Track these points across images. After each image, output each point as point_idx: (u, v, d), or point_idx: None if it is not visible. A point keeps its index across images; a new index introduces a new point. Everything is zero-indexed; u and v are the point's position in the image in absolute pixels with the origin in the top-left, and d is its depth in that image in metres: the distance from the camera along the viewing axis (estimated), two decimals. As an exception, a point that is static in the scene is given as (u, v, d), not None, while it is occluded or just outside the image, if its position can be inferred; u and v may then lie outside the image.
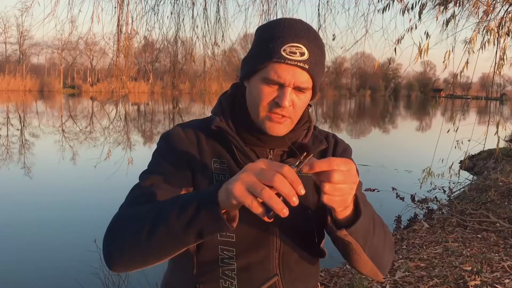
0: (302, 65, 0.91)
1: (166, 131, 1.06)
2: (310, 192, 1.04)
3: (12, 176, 8.53)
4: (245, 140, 1.01)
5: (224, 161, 1.00)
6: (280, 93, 0.93)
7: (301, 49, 0.91)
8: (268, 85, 0.94)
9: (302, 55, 0.91)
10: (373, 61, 29.55)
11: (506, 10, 4.79)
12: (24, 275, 4.14)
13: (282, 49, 0.91)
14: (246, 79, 1.00)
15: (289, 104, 0.94)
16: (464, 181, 7.16)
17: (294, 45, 0.91)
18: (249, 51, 1.01)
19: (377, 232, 0.95)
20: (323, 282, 3.41)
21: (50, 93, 47.21)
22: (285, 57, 0.90)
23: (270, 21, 1.00)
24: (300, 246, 1.03)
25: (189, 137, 1.03)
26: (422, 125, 26.71)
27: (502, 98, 7.91)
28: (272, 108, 0.95)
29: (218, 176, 0.99)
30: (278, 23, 0.97)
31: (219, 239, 0.97)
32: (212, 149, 1.02)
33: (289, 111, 0.96)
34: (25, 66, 53.27)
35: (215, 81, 6.01)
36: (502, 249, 3.96)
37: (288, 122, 0.98)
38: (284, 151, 1.05)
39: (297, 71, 0.91)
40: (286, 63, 0.91)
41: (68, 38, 5.76)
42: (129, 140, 12.41)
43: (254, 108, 0.99)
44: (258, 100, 0.96)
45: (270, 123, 0.97)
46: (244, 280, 0.98)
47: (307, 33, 0.94)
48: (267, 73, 0.93)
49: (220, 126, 1.00)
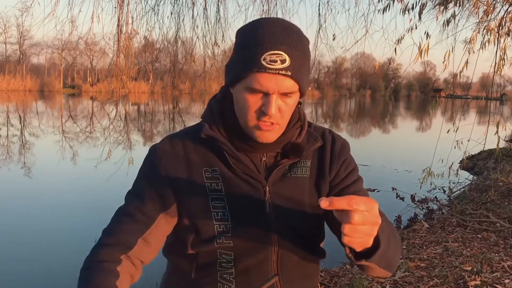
0: (284, 73, 0.88)
1: (154, 144, 1.04)
2: (307, 194, 1.03)
3: (12, 176, 8.53)
4: (237, 147, 0.99)
5: (215, 169, 0.99)
6: (265, 101, 0.91)
7: (282, 56, 0.88)
8: (252, 94, 0.92)
9: (283, 62, 0.88)
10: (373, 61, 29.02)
11: (506, 10, 4.79)
12: (24, 275, 4.14)
13: (262, 59, 0.87)
14: (231, 86, 0.97)
15: (275, 111, 0.91)
16: (464, 181, 7.16)
17: (274, 52, 0.87)
18: (231, 57, 0.98)
19: (391, 246, 0.92)
20: (323, 282, 3.40)
21: (50, 93, 47.19)
22: (265, 66, 0.87)
23: (249, 24, 0.96)
24: (299, 248, 1.03)
25: (176, 151, 1.00)
26: (422, 125, 26.69)
27: (502, 98, 7.90)
28: (260, 117, 0.93)
29: (211, 185, 0.98)
30: (256, 28, 0.92)
31: (216, 245, 0.97)
32: (203, 158, 1.00)
33: (276, 117, 0.93)
34: (25, 66, 53.32)
35: (215, 81, 6.01)
36: (502, 249, 3.96)
37: (277, 128, 0.96)
38: (278, 152, 1.03)
39: (280, 78, 0.88)
40: (267, 72, 0.88)
41: (68, 38, 5.76)
42: (129, 140, 12.42)
43: (241, 118, 0.97)
44: (244, 110, 0.94)
45: (259, 132, 0.95)
46: (242, 283, 0.98)
47: (286, 38, 0.89)
48: (250, 83, 0.90)
49: (208, 134, 0.98)
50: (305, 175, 1.04)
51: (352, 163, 1.10)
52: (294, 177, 1.03)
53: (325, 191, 1.05)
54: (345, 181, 1.06)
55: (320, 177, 1.05)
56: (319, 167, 1.06)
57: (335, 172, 1.06)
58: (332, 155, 1.07)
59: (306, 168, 1.04)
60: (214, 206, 0.97)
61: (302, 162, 1.04)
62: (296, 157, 1.02)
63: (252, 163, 1.00)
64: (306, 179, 1.04)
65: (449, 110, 13.39)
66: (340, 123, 25.45)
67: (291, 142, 1.02)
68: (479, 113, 6.28)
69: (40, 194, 7.12)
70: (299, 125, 1.05)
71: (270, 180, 1.00)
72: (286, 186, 1.01)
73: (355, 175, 1.08)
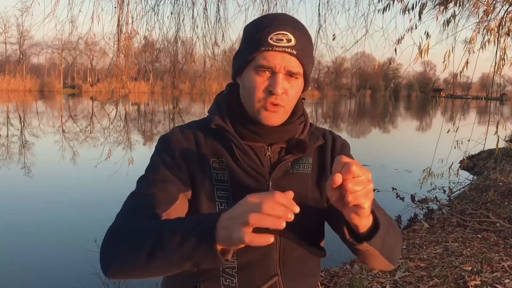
0: (290, 51, 0.94)
1: (164, 134, 1.07)
2: (309, 191, 1.05)
3: (12, 176, 8.53)
4: (242, 136, 1.02)
5: (223, 160, 1.01)
6: (272, 80, 0.95)
7: (287, 36, 0.94)
8: (259, 74, 0.96)
9: (289, 41, 0.94)
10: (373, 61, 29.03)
11: (506, 10, 4.79)
12: (25, 275, 4.14)
13: (269, 38, 0.93)
14: (239, 74, 1.02)
15: (281, 91, 0.95)
16: (464, 181, 7.16)
17: (280, 32, 0.94)
18: (238, 48, 1.04)
19: (391, 232, 0.97)
20: (323, 282, 3.41)
21: (50, 93, 47.21)
22: (272, 44, 0.93)
23: (256, 18, 1.04)
24: (301, 245, 1.03)
25: (187, 139, 1.03)
26: (422, 125, 26.71)
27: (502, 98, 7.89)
28: (267, 98, 0.97)
29: (217, 175, 1.00)
30: (264, 17, 1.01)
31: None
32: (211, 148, 1.02)
33: (282, 98, 0.97)
34: (25, 66, 53.33)
35: (215, 81, 6.01)
36: (502, 249, 3.96)
37: (282, 111, 0.99)
38: (282, 148, 1.05)
39: (286, 56, 0.94)
40: (274, 50, 0.93)
41: (68, 38, 5.76)
42: (129, 140, 12.43)
43: (248, 100, 1.00)
44: (252, 91, 0.98)
45: (265, 113, 0.98)
46: (244, 278, 0.99)
47: (292, 22, 0.97)
48: (257, 62, 0.95)
49: (219, 124, 1.01)
50: (307, 172, 1.06)
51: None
52: (297, 173, 1.05)
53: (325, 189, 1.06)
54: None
55: (321, 175, 1.08)
56: (320, 165, 1.09)
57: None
58: (334, 154, 1.10)
59: (308, 165, 1.07)
60: (219, 196, 0.99)
61: (304, 159, 1.07)
62: (300, 153, 1.05)
63: (257, 158, 1.03)
64: (308, 175, 1.06)
65: (449, 110, 13.39)
66: (340, 123, 25.47)
67: (295, 138, 1.05)
68: (479, 113, 6.28)
69: (40, 194, 7.12)
70: (302, 121, 1.08)
71: (274, 175, 1.02)
72: (289, 181, 1.03)
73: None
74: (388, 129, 24.32)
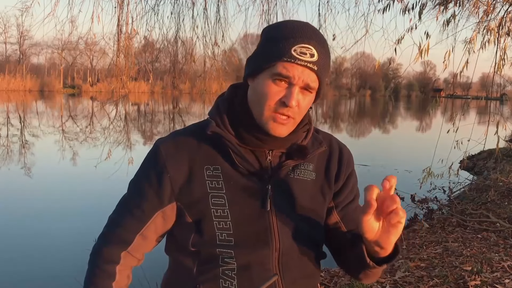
0: (311, 66, 0.92)
1: (159, 141, 1.05)
2: (309, 196, 1.05)
3: (12, 176, 8.53)
4: (244, 141, 1.00)
5: (217, 167, 1.00)
6: (288, 92, 0.93)
7: (311, 50, 0.92)
8: (275, 83, 0.93)
9: (312, 57, 0.92)
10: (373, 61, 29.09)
11: (506, 10, 4.79)
12: (24, 275, 4.14)
13: (292, 49, 0.91)
14: (251, 77, 0.99)
15: (295, 104, 0.93)
16: (464, 181, 7.16)
17: (304, 46, 0.91)
18: (256, 50, 1.00)
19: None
20: (323, 282, 3.41)
21: (50, 93, 47.18)
22: (295, 57, 0.91)
23: (278, 22, 1.02)
24: (300, 247, 1.04)
25: (179, 149, 1.01)
26: (422, 125, 26.71)
27: (502, 98, 7.90)
28: (278, 108, 0.94)
29: (211, 183, 0.99)
30: (287, 23, 0.98)
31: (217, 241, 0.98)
32: (206, 156, 1.01)
33: (294, 111, 0.95)
34: (25, 66, 53.25)
35: (215, 81, 6.01)
36: (502, 249, 3.96)
37: (291, 123, 0.98)
38: (283, 153, 1.04)
39: (306, 71, 0.92)
40: (296, 63, 0.91)
41: (68, 38, 5.77)
42: (129, 140, 12.40)
43: (258, 107, 0.97)
44: (264, 99, 0.95)
45: (274, 124, 0.96)
46: (244, 280, 0.99)
47: (317, 36, 0.95)
48: (276, 69, 0.92)
49: (214, 131, 0.99)
50: (308, 178, 1.06)
51: (355, 176, 1.15)
52: (297, 178, 1.05)
53: (329, 197, 1.09)
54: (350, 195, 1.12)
55: (325, 183, 1.08)
56: (325, 173, 1.09)
57: (342, 182, 1.11)
58: (340, 165, 1.10)
59: (309, 172, 1.06)
60: (214, 203, 0.99)
61: (305, 165, 1.06)
62: (300, 158, 1.04)
63: (257, 161, 1.02)
64: (309, 182, 1.06)
65: (449, 110, 13.40)
66: (340, 123, 25.47)
67: (297, 144, 1.04)
68: (479, 113, 6.28)
69: (40, 194, 7.12)
70: (306, 128, 1.07)
71: (274, 179, 1.01)
72: (289, 186, 1.03)
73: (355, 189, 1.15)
74: (388, 129, 24.32)
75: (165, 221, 1.04)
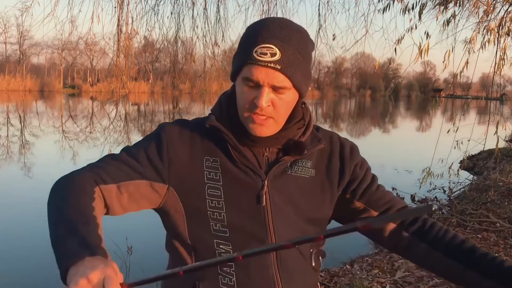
0: (273, 66, 0.91)
1: (166, 123, 1.06)
2: (306, 193, 1.05)
3: (12, 176, 8.53)
4: (240, 140, 1.01)
5: (216, 159, 1.01)
6: (257, 93, 0.94)
7: (272, 49, 0.91)
8: (247, 86, 0.95)
9: (273, 56, 0.91)
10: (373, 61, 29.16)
11: (506, 10, 4.79)
12: (24, 274, 4.14)
13: (254, 51, 0.92)
14: (234, 79, 1.02)
15: (266, 104, 0.94)
16: (464, 181, 7.16)
17: (265, 46, 0.91)
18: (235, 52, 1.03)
19: None
20: (323, 282, 3.41)
21: (50, 93, 47.19)
22: (256, 58, 0.91)
23: (253, 23, 1.02)
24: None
25: (183, 135, 1.03)
26: (422, 125, 26.72)
27: (502, 98, 7.90)
28: (252, 109, 0.96)
29: (209, 174, 1.01)
30: (255, 25, 0.98)
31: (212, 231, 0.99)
32: (206, 147, 1.03)
33: (269, 111, 0.96)
34: (25, 66, 53.24)
35: (215, 81, 6.02)
36: (502, 249, 3.97)
37: (271, 122, 0.98)
38: (279, 149, 1.05)
39: (269, 71, 0.92)
40: (258, 64, 0.92)
41: (68, 38, 5.78)
42: (129, 140, 12.37)
43: (239, 109, 1.00)
44: (240, 101, 0.98)
45: (253, 125, 0.98)
46: (242, 276, 0.99)
47: (281, 33, 0.93)
48: (244, 73, 0.95)
49: (213, 124, 1.01)
50: (306, 175, 1.06)
51: (365, 164, 1.13)
52: (295, 175, 1.05)
53: (329, 194, 1.07)
54: (364, 181, 1.09)
55: (326, 180, 1.07)
56: (326, 170, 1.08)
57: (348, 177, 1.08)
58: (343, 161, 1.09)
59: (307, 169, 1.06)
60: (210, 194, 1.00)
61: (304, 162, 1.06)
62: (297, 154, 1.04)
63: (254, 157, 1.03)
64: (307, 179, 1.06)
65: (449, 110, 13.40)
66: (340, 123, 25.47)
67: (294, 140, 1.04)
68: (479, 113, 6.28)
69: (40, 194, 7.10)
70: (301, 125, 1.06)
71: (270, 174, 1.01)
72: (286, 182, 1.03)
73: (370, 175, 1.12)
74: (388, 129, 24.33)
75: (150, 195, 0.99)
